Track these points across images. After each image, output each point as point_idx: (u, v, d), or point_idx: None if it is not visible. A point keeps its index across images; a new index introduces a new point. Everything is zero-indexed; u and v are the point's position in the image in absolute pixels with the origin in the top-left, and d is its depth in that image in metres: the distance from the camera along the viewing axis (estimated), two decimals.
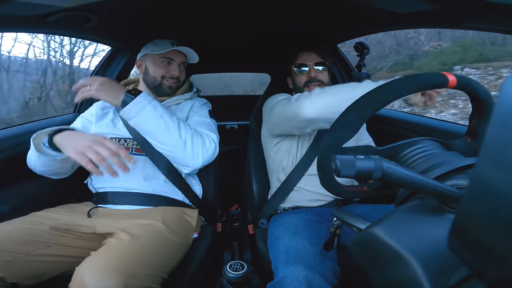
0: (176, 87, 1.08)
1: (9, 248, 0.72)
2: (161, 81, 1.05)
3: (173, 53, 1.04)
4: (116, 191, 0.94)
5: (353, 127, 0.49)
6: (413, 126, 1.27)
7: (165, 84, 1.05)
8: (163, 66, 1.04)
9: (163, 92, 1.07)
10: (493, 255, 0.22)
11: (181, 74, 1.08)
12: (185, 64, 1.10)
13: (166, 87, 1.06)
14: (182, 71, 1.09)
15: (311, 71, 1.06)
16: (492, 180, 0.21)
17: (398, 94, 0.48)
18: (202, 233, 1.03)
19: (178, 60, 1.06)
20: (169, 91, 1.07)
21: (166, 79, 1.05)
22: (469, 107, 0.55)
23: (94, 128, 1.04)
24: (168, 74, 1.04)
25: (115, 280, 0.60)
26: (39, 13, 0.81)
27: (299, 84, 1.09)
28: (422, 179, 0.36)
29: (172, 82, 1.06)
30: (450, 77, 0.49)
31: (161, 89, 1.06)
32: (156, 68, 1.04)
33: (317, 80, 1.05)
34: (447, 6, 0.74)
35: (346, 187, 0.54)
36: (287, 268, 0.71)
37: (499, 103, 0.21)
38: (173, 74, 1.04)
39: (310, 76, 1.06)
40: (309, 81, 1.06)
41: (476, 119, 0.56)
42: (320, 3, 0.91)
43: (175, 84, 1.07)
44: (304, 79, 1.07)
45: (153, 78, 1.05)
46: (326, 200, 1.03)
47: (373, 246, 0.40)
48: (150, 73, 1.05)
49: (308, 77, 1.06)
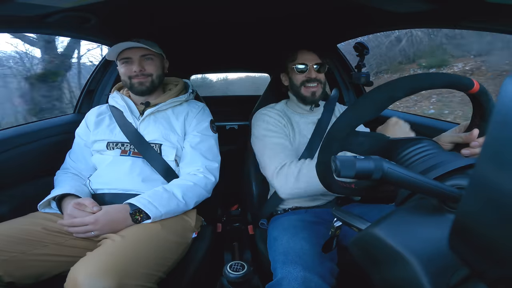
0: (150, 82, 1.04)
1: (5, 248, 0.72)
2: (130, 82, 1.04)
3: (128, 51, 1.02)
4: (114, 193, 0.94)
5: (379, 105, 0.49)
6: (413, 126, 1.27)
7: (135, 83, 1.03)
8: (124, 67, 1.03)
9: (137, 90, 1.04)
10: (493, 255, 0.22)
11: (148, 68, 1.03)
12: (151, 57, 1.04)
13: (137, 85, 1.03)
14: (147, 65, 1.03)
15: (311, 71, 1.06)
16: (492, 180, 0.21)
17: (428, 85, 0.49)
18: (202, 233, 1.03)
19: (136, 56, 1.02)
20: (141, 87, 1.03)
21: (132, 78, 1.03)
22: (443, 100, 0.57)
23: (92, 135, 1.04)
24: (131, 73, 1.02)
25: (109, 279, 0.60)
26: (39, 13, 0.81)
27: (296, 82, 1.09)
28: (422, 179, 0.36)
29: (140, 77, 1.02)
30: (476, 83, 0.50)
31: (134, 89, 1.04)
32: (121, 71, 1.05)
33: (316, 80, 1.06)
34: (446, 6, 0.74)
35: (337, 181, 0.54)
36: (285, 268, 0.71)
37: (499, 103, 0.21)
38: (134, 71, 1.01)
39: (310, 76, 1.06)
40: (307, 80, 1.06)
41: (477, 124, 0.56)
42: (320, 2, 0.92)
43: (145, 78, 1.03)
44: (302, 78, 1.07)
45: (124, 81, 1.06)
46: (325, 199, 1.03)
47: (373, 246, 0.40)
48: (121, 77, 1.07)
49: (306, 77, 1.06)
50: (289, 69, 1.11)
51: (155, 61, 1.06)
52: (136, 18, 1.04)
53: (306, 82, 1.06)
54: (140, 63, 1.02)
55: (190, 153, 1.01)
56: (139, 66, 1.02)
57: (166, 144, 1.01)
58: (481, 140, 0.55)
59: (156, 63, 1.06)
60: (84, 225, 0.79)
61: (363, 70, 1.28)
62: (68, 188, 0.89)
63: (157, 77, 1.06)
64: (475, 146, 0.55)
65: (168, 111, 1.07)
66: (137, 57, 1.02)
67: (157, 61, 1.06)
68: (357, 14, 1.01)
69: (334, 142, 0.50)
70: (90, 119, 1.08)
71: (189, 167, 1.00)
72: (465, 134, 0.57)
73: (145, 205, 0.82)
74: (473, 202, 0.23)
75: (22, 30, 0.99)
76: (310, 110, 1.11)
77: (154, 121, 1.04)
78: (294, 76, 1.09)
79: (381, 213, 0.43)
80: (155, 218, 0.83)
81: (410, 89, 0.49)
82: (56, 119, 1.33)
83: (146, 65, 1.03)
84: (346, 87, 1.65)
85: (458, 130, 0.61)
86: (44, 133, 1.17)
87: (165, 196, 0.87)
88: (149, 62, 1.04)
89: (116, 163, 0.97)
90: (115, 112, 1.06)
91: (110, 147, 1.01)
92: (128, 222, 0.82)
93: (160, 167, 0.98)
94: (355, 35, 1.33)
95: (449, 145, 0.60)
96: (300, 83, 1.07)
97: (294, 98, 1.13)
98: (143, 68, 1.02)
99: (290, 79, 1.12)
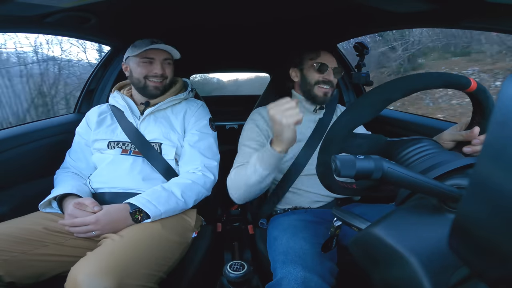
0: (163, 86, 1.05)
1: (6, 247, 0.72)
2: (145, 82, 1.03)
3: (152, 52, 1.02)
4: (114, 192, 0.94)
5: (376, 107, 0.49)
6: (413, 125, 1.27)
7: (150, 85, 1.03)
8: (144, 66, 1.02)
9: (149, 93, 1.05)
10: (493, 255, 0.22)
11: (166, 72, 1.05)
12: (170, 61, 1.06)
13: (152, 87, 1.03)
14: (167, 69, 1.05)
15: (330, 73, 1.05)
16: (492, 180, 0.21)
17: (426, 85, 0.49)
18: (202, 233, 1.03)
19: (160, 58, 1.02)
20: (155, 91, 1.04)
21: (149, 78, 1.03)
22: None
23: (93, 134, 1.04)
24: (150, 73, 1.02)
25: (109, 279, 0.60)
26: (39, 13, 0.81)
27: (311, 80, 1.06)
28: (422, 179, 0.36)
29: (157, 81, 1.03)
30: (473, 82, 0.50)
31: (147, 90, 1.04)
32: (138, 69, 1.03)
33: (331, 83, 1.05)
34: (446, 6, 0.74)
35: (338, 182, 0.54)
36: (285, 268, 0.71)
37: (499, 103, 0.21)
38: (156, 73, 1.02)
39: (327, 78, 1.04)
40: (323, 81, 1.04)
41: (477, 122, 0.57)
42: (320, 2, 0.91)
43: (160, 83, 1.04)
44: (318, 78, 1.05)
45: (137, 80, 1.04)
46: (325, 201, 1.03)
47: (373, 246, 0.40)
48: (134, 75, 1.04)
49: (323, 78, 1.04)
50: (306, 65, 1.08)
51: (171, 66, 1.08)
52: (136, 18, 1.04)
53: (321, 82, 1.04)
54: (162, 65, 1.03)
55: (189, 151, 1.01)
56: (161, 69, 1.02)
57: (166, 143, 1.01)
58: (482, 138, 0.55)
59: (172, 68, 1.08)
60: (85, 225, 0.79)
61: (363, 70, 1.28)
62: (69, 187, 0.89)
63: (169, 81, 1.08)
64: (476, 144, 0.55)
65: (167, 110, 1.08)
66: (160, 59, 1.03)
67: (173, 66, 1.08)
68: (357, 14, 1.01)
69: (332, 145, 0.51)
70: (92, 118, 1.08)
71: (188, 165, 1.00)
72: (466, 132, 0.57)
73: (144, 204, 0.82)
74: (473, 202, 0.23)
75: (22, 30, 0.98)
76: (314, 111, 1.10)
77: (154, 120, 1.04)
78: (311, 73, 1.06)
79: (381, 213, 0.43)
80: (154, 217, 0.83)
81: (406, 90, 0.49)
82: (56, 118, 1.33)
83: (166, 68, 1.05)
84: (346, 87, 1.65)
85: (459, 128, 0.61)
86: (44, 133, 1.17)
87: (164, 194, 0.87)
88: (168, 67, 1.06)
89: (117, 162, 0.97)
90: (116, 112, 1.07)
91: (111, 146, 1.01)
92: (129, 222, 0.82)
93: (160, 166, 0.98)
94: (355, 35, 1.33)
95: (450, 143, 0.60)
96: (315, 81, 1.05)
97: (299, 96, 1.11)
98: (164, 71, 1.04)
99: (304, 76, 1.08)
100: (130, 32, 1.17)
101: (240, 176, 0.89)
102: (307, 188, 1.02)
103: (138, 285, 0.66)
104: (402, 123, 1.33)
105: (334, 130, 0.50)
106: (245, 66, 2.43)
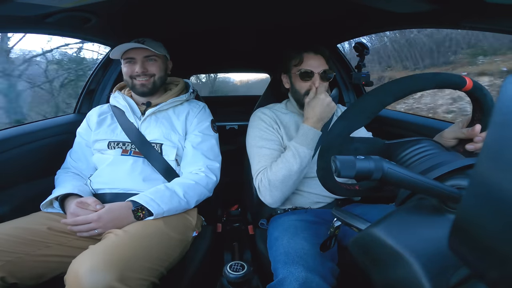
0: (151, 84, 1.04)
1: (9, 248, 0.72)
2: (132, 81, 1.04)
3: (132, 52, 1.02)
4: (115, 192, 0.94)
5: (369, 113, 0.49)
6: (412, 126, 1.27)
7: (136, 84, 1.03)
8: (127, 67, 1.04)
9: (138, 91, 1.05)
10: (493, 255, 0.22)
11: (149, 69, 1.03)
12: (155, 58, 1.04)
13: (138, 86, 1.03)
14: (150, 66, 1.03)
15: (317, 79, 0.98)
16: (492, 180, 0.21)
17: (419, 87, 0.49)
18: (202, 233, 1.03)
19: (139, 57, 1.02)
20: (142, 89, 1.04)
21: (134, 78, 1.03)
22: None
23: (93, 135, 1.04)
24: (133, 73, 1.02)
25: (111, 272, 0.60)
26: (39, 13, 0.81)
27: (299, 89, 1.01)
28: (422, 180, 0.36)
29: (142, 79, 1.03)
30: (468, 80, 0.50)
31: (135, 89, 1.05)
32: (124, 70, 1.05)
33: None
34: (446, 6, 0.74)
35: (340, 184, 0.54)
36: (286, 269, 0.71)
37: (499, 103, 0.21)
38: (137, 72, 1.01)
39: (316, 86, 0.98)
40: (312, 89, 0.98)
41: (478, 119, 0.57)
42: (320, 2, 0.91)
43: (147, 81, 1.03)
44: (306, 87, 0.99)
45: (127, 81, 1.06)
46: (326, 201, 1.03)
47: (373, 246, 0.40)
48: (124, 76, 1.06)
49: (311, 86, 0.99)
50: (292, 73, 1.03)
51: (158, 62, 1.06)
52: (136, 18, 1.04)
53: (310, 91, 0.98)
54: (142, 64, 1.02)
55: (191, 152, 1.02)
56: (141, 67, 1.02)
57: (167, 143, 1.01)
58: (484, 135, 0.55)
59: (159, 64, 1.06)
60: (87, 222, 0.79)
61: (363, 70, 1.28)
62: (70, 187, 0.89)
63: (159, 78, 1.06)
64: (478, 141, 0.56)
65: (169, 110, 1.07)
66: (140, 58, 1.02)
67: (160, 62, 1.06)
68: (357, 14, 1.01)
69: (330, 151, 0.51)
70: (92, 118, 1.08)
71: (191, 166, 1.00)
72: (468, 129, 0.57)
73: (147, 202, 0.83)
74: (473, 203, 0.23)
75: (22, 30, 0.99)
76: None
77: (155, 121, 1.04)
78: (298, 83, 1.01)
79: (381, 213, 0.43)
80: (157, 215, 0.83)
81: (399, 93, 0.49)
82: (57, 119, 1.33)
83: (148, 66, 1.04)
84: (346, 87, 1.65)
85: (461, 125, 0.61)
86: (45, 133, 1.17)
87: (167, 193, 0.88)
88: (151, 63, 1.04)
89: (117, 162, 0.97)
90: (117, 112, 1.07)
91: (111, 146, 1.01)
92: (131, 219, 0.82)
93: (161, 166, 0.98)
94: (355, 35, 1.33)
95: (452, 141, 0.60)
96: (305, 92, 1.00)
97: (295, 104, 1.08)
98: (146, 69, 1.03)
99: (292, 85, 1.04)
100: (130, 32, 1.17)
101: (279, 170, 0.89)
102: (309, 189, 1.02)
103: (139, 278, 0.66)
104: (402, 124, 1.33)
105: (330, 139, 0.50)
106: (245, 66, 2.43)
